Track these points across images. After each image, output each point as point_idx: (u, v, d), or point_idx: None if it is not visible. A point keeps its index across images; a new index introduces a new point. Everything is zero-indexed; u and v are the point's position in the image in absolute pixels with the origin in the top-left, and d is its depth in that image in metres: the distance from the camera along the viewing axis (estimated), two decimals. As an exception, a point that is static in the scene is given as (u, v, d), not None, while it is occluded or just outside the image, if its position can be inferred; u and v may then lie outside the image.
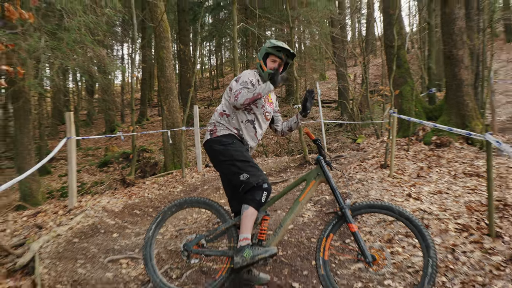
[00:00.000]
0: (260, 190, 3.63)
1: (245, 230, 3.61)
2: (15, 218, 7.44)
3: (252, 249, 3.56)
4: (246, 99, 3.62)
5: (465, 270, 3.69)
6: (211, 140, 3.87)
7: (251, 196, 3.63)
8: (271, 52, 3.93)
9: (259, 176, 3.67)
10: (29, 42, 9.29)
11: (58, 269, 4.33)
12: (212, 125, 3.95)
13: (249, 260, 3.52)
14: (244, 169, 3.67)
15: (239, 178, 3.67)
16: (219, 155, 3.80)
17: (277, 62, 3.96)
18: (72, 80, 30.50)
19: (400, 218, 3.33)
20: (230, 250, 3.73)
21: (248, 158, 3.75)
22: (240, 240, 3.61)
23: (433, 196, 5.84)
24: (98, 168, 18.13)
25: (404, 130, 10.08)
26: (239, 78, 3.86)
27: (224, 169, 3.82)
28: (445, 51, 9.28)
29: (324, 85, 28.55)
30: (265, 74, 3.96)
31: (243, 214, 3.63)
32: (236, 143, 3.80)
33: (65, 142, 7.33)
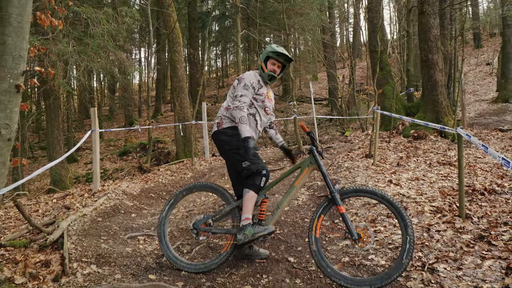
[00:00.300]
0: (259, 176, 3.64)
1: (246, 211, 3.62)
2: (46, 200, 7.43)
3: (253, 227, 3.57)
4: (234, 117, 3.69)
5: (439, 247, 3.68)
6: (218, 131, 3.88)
7: (251, 181, 3.64)
8: (271, 56, 3.89)
9: (258, 163, 3.67)
10: (58, 47, 9.24)
11: (84, 245, 4.32)
12: (219, 118, 3.94)
13: (250, 237, 3.53)
14: (246, 158, 3.66)
15: (242, 165, 3.67)
16: (224, 145, 3.81)
17: (276, 65, 3.92)
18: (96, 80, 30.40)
19: (383, 201, 3.32)
20: (234, 229, 3.74)
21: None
22: (242, 220, 3.63)
23: (411, 182, 5.83)
24: (118, 157, 18.12)
25: (386, 124, 10.05)
26: (241, 80, 3.84)
27: (229, 157, 3.83)
28: (422, 56, 9.23)
29: (316, 85, 28.48)
30: (266, 75, 3.92)
31: (244, 197, 3.65)
32: (239, 134, 3.78)
33: (90, 134, 7.30)
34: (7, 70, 3.29)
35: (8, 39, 3.29)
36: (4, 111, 3.28)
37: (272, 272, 3.71)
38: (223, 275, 3.72)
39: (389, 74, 10.33)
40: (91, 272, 3.73)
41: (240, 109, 3.67)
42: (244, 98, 3.75)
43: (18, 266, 3.73)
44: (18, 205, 4.42)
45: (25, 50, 3.43)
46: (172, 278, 3.71)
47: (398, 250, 3.79)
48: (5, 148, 3.31)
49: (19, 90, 3.36)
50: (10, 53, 3.30)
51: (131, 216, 5.93)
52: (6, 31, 3.29)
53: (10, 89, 3.30)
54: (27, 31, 3.43)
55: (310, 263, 3.85)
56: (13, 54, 3.31)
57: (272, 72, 3.91)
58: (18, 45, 3.34)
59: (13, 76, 3.31)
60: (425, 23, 9.09)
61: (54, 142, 10.03)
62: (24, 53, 3.41)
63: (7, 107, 3.29)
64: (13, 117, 3.35)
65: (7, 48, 3.29)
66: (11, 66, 3.30)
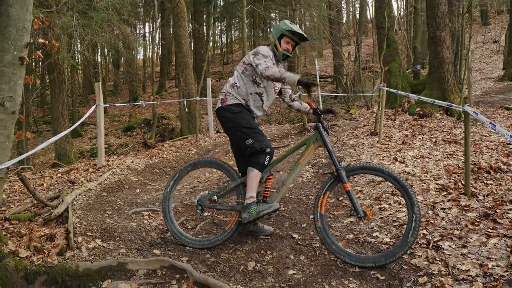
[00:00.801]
0: (263, 154, 3.57)
1: (250, 190, 3.58)
2: (50, 175, 7.44)
3: (258, 205, 3.54)
4: (273, 75, 3.42)
5: (443, 224, 3.65)
6: (222, 108, 3.78)
7: (255, 160, 3.58)
8: (286, 34, 3.69)
9: (262, 141, 3.60)
10: (62, 20, 9.11)
11: (89, 219, 4.32)
12: (223, 95, 3.84)
13: (255, 216, 3.51)
14: (250, 135, 3.60)
15: (245, 142, 3.61)
16: (228, 122, 3.73)
17: (290, 44, 3.75)
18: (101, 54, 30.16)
19: (389, 179, 3.27)
20: (238, 205, 3.71)
21: (254, 125, 3.67)
22: (246, 198, 3.59)
23: (416, 160, 5.77)
24: (123, 132, 18.12)
25: (391, 102, 9.93)
26: (258, 52, 3.64)
27: (232, 134, 3.75)
28: (429, 33, 9.04)
29: (321, 62, 28.17)
30: (280, 54, 3.74)
31: (248, 176, 3.59)
32: (243, 112, 3.71)
33: (94, 109, 7.25)
34: (11, 42, 3.22)
35: (11, 10, 3.22)
36: (8, 84, 3.23)
37: (277, 249, 3.71)
38: (227, 250, 3.72)
39: (396, 51, 10.15)
40: (96, 246, 3.73)
41: (271, 67, 3.46)
42: (269, 61, 3.56)
43: (22, 240, 3.73)
44: (23, 178, 4.40)
45: (29, 22, 3.35)
46: (177, 253, 3.71)
47: (402, 227, 3.77)
48: (9, 121, 3.28)
49: (23, 62, 3.30)
50: (13, 24, 3.23)
51: (136, 191, 5.92)
52: (10, 2, 3.21)
53: (14, 61, 3.24)
54: (30, 2, 3.35)
55: (315, 240, 3.84)
56: (17, 25, 3.24)
57: (286, 51, 3.75)
58: (22, 17, 3.27)
59: (17, 48, 3.25)
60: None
61: (59, 117, 10.00)
62: (28, 25, 3.34)
63: (11, 80, 3.24)
64: (17, 90, 3.30)
65: (10, 20, 3.22)
66: (15, 38, 3.24)
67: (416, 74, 12.20)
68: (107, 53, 29.58)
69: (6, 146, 3.29)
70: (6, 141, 3.28)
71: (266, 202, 3.61)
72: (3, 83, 3.19)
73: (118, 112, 22.96)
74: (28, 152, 4.18)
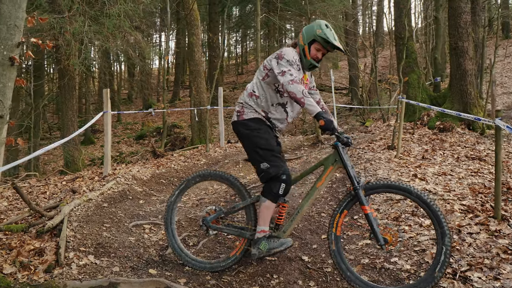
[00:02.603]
0: (278, 182, 3.13)
1: (262, 223, 3.21)
2: (55, 182, 7.21)
3: (268, 242, 3.16)
4: (294, 93, 2.96)
5: (471, 252, 3.27)
6: (238, 122, 3.33)
7: (268, 188, 3.17)
8: (319, 41, 3.18)
9: (279, 167, 3.14)
10: (74, 26, 8.98)
11: (84, 232, 4.03)
12: (240, 106, 3.37)
13: (265, 253, 3.16)
14: (266, 158, 3.16)
15: (260, 166, 3.17)
16: (244, 139, 3.31)
17: (320, 52, 3.24)
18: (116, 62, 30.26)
19: (418, 201, 2.85)
20: (247, 232, 3.34)
21: (272, 147, 3.22)
22: (257, 231, 3.22)
23: (437, 177, 5.38)
24: (135, 140, 18.00)
25: (409, 115, 9.53)
26: (281, 56, 3.15)
27: (248, 153, 3.33)
28: (451, 43, 8.67)
29: (337, 73, 27.80)
30: (307, 62, 3.25)
31: (261, 206, 3.20)
32: (262, 129, 3.26)
33: (101, 116, 7.03)
34: (1, 41, 2.99)
35: (2, 7, 2.98)
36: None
37: (284, 272, 3.36)
38: (229, 273, 3.40)
39: (415, 62, 9.77)
40: (88, 263, 3.43)
41: (296, 82, 2.99)
42: (294, 72, 3.07)
43: (11, 254, 3.46)
44: (17, 187, 4.15)
45: (21, 20, 3.11)
46: (175, 273, 3.40)
47: (425, 253, 3.39)
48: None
49: (14, 63, 3.05)
50: (4, 22, 2.99)
51: (139, 202, 5.64)
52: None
53: (3, 61, 3.00)
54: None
55: (326, 263, 3.49)
56: (8, 23, 3.00)
57: (315, 60, 3.26)
58: (14, 14, 3.03)
59: (7, 47, 3.01)
60: (455, 8, 8.51)
61: (68, 123, 9.82)
62: (20, 23, 3.10)
63: (0, 81, 2.99)
64: (6, 93, 3.05)
65: (1, 17, 2.99)
66: (5, 37, 3.00)
67: (436, 87, 11.77)
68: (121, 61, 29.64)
69: (-7, 152, 3.03)
70: (-7, 147, 3.03)
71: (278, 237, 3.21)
72: (-10, 85, 2.94)
73: (131, 120, 22.88)
74: (19, 160, 3.93)
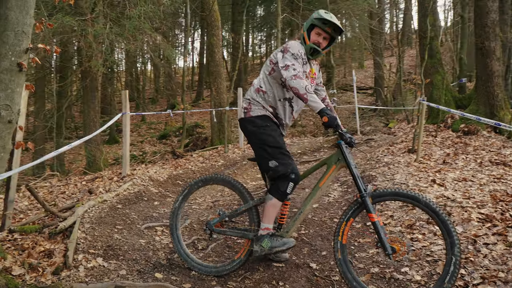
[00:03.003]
0: (286, 181, 3.08)
1: (266, 220, 3.17)
2: (76, 182, 7.34)
3: (271, 240, 3.12)
4: (297, 88, 2.93)
5: (486, 264, 3.13)
6: (245, 119, 3.28)
7: (276, 186, 3.12)
8: (316, 24, 3.14)
9: (288, 165, 3.09)
10: (95, 28, 9.13)
11: (95, 234, 4.07)
12: (247, 102, 3.31)
13: (267, 251, 3.12)
14: (274, 156, 3.11)
15: (268, 164, 3.12)
16: (251, 136, 3.25)
17: (321, 36, 3.18)
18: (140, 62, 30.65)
19: (426, 210, 2.77)
20: (250, 233, 3.31)
21: (280, 144, 3.17)
22: (261, 228, 3.19)
23: (457, 183, 5.21)
24: (158, 140, 18.19)
25: (433, 117, 9.30)
26: (286, 49, 3.11)
27: (255, 151, 3.27)
28: (477, 43, 8.39)
29: (362, 73, 27.46)
30: (307, 48, 3.20)
31: (266, 204, 3.16)
32: (270, 126, 3.21)
33: (120, 117, 7.13)
34: (9, 47, 3.03)
35: (10, 14, 3.02)
36: (5, 91, 3.03)
37: (290, 279, 3.31)
38: (235, 278, 3.37)
39: (439, 62, 9.51)
40: (96, 265, 3.46)
41: (299, 77, 2.95)
42: (298, 67, 3.03)
43: (22, 255, 3.52)
44: (31, 189, 4.24)
45: (29, 26, 3.15)
46: (180, 278, 3.40)
47: (437, 264, 3.28)
48: (5, 131, 3.07)
49: (22, 68, 3.10)
50: (12, 28, 3.04)
51: (154, 204, 5.67)
52: (8, 5, 3.02)
53: (11, 67, 3.04)
54: (31, 5, 3.15)
55: (334, 272, 3.41)
56: (16, 29, 3.05)
57: (315, 44, 3.19)
58: (21, 20, 3.07)
59: (15, 53, 3.05)
60: (482, 7, 8.23)
61: (90, 124, 10.00)
62: (28, 29, 3.14)
63: (8, 87, 3.04)
64: (15, 98, 3.10)
65: (9, 23, 3.03)
66: (13, 43, 3.04)
67: (462, 88, 11.43)
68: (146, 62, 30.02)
69: (1, 157, 3.09)
70: (1, 152, 3.08)
71: (280, 236, 3.17)
72: (0, 91, 2.99)
73: (155, 120, 23.13)
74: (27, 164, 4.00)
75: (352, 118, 14.58)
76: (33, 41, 8.09)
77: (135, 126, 22.11)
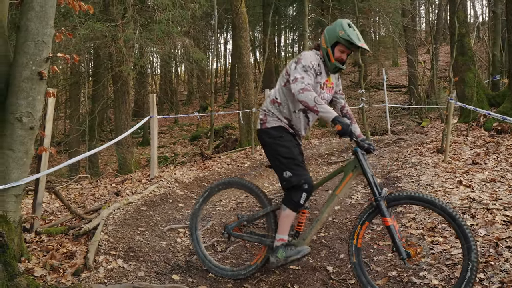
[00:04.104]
0: (299, 191, 3.08)
1: (281, 231, 3.19)
2: (106, 184, 7.55)
3: (286, 250, 3.14)
4: (306, 102, 2.91)
5: (507, 268, 3.02)
6: (261, 130, 3.30)
7: (289, 197, 3.14)
8: (342, 42, 3.06)
9: (301, 175, 3.09)
10: (125, 33, 9.37)
11: (117, 236, 4.19)
12: (263, 114, 3.33)
13: (283, 261, 3.14)
14: (288, 167, 3.12)
15: (282, 174, 3.15)
16: (267, 147, 3.29)
17: (345, 53, 3.13)
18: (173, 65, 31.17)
19: (442, 214, 2.70)
20: (267, 239, 3.33)
21: (295, 155, 3.17)
22: (276, 239, 3.20)
23: (485, 184, 5.04)
24: (189, 141, 18.45)
25: (465, 116, 9.00)
26: (300, 60, 3.08)
27: (271, 161, 3.30)
28: (510, 39, 8.06)
29: (396, 71, 26.96)
30: (331, 66, 3.15)
31: (281, 215, 3.18)
32: (284, 137, 3.22)
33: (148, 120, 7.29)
34: (29, 56, 3.17)
35: (30, 25, 3.16)
36: (26, 99, 3.17)
37: (306, 282, 3.31)
38: (251, 281, 3.39)
39: (471, 59, 9.19)
40: (115, 267, 3.56)
41: (307, 90, 2.92)
42: (307, 79, 3.00)
43: (46, 256, 3.67)
44: (56, 192, 4.41)
45: (49, 36, 3.28)
46: (197, 280, 3.45)
47: (456, 268, 3.19)
48: (27, 137, 3.21)
49: (42, 77, 3.23)
50: (32, 39, 3.17)
51: (178, 206, 5.77)
52: (29, 16, 3.16)
53: (32, 76, 3.18)
54: (51, 16, 3.28)
55: (350, 275, 3.38)
56: (36, 40, 3.18)
57: (339, 62, 3.14)
58: (41, 31, 3.20)
59: (36, 62, 3.19)
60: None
61: (121, 127, 10.27)
62: (48, 39, 3.27)
63: (29, 95, 3.18)
64: (36, 105, 3.23)
65: (29, 34, 3.17)
66: (34, 53, 3.18)
67: (495, 85, 11.01)
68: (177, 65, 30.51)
69: (24, 162, 3.23)
70: (24, 157, 3.22)
71: (296, 245, 3.16)
72: (21, 99, 3.14)
73: (188, 122, 23.49)
74: (45, 171, 4.16)
75: (383, 117, 14.31)
76: (65, 47, 8.37)
77: (168, 128, 22.52)
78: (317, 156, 8.96)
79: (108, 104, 12.99)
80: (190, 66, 12.40)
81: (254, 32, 30.08)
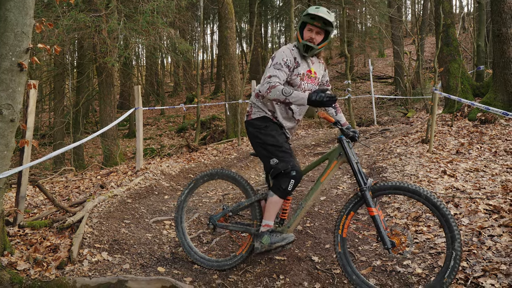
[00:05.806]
0: (287, 178, 3.08)
1: (267, 217, 3.19)
2: (91, 177, 7.48)
3: (271, 236, 3.15)
4: (277, 98, 2.94)
5: (489, 256, 3.07)
6: (247, 122, 3.35)
7: (277, 184, 3.13)
8: (306, 21, 3.10)
9: (288, 162, 3.09)
10: (109, 24, 9.23)
11: (102, 229, 4.15)
12: (249, 106, 3.39)
13: (267, 247, 3.14)
14: (274, 154, 3.13)
15: (269, 162, 3.15)
16: (253, 138, 3.30)
17: (314, 31, 3.11)
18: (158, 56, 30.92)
19: (426, 203, 2.73)
20: (252, 228, 3.33)
21: (280, 143, 3.17)
22: (262, 225, 3.21)
23: (469, 173, 5.10)
24: (176, 133, 18.35)
25: (450, 106, 9.09)
26: (273, 58, 3.13)
27: (257, 151, 3.31)
28: (494, 29, 8.13)
29: (382, 61, 27.07)
30: (301, 45, 3.14)
31: (268, 201, 3.18)
32: (270, 127, 3.23)
33: (133, 112, 7.22)
34: (9, 47, 3.10)
35: (9, 15, 3.09)
36: (6, 91, 3.10)
37: (291, 273, 3.32)
38: (237, 272, 3.39)
39: (456, 50, 9.26)
40: (100, 260, 3.54)
41: (273, 87, 2.94)
42: (274, 78, 3.01)
43: (29, 250, 3.62)
44: (39, 185, 4.35)
45: (29, 26, 3.21)
46: (183, 271, 3.44)
47: (439, 257, 3.23)
48: (7, 130, 3.15)
49: (23, 68, 3.16)
50: (11, 29, 3.10)
51: (164, 198, 5.74)
52: (8, 6, 3.08)
53: (12, 67, 3.11)
54: (31, 6, 3.20)
55: (336, 265, 3.40)
56: (15, 30, 3.11)
57: (309, 42, 3.12)
58: (21, 21, 3.13)
59: (15, 54, 3.12)
60: (500, -8, 7.96)
61: (107, 119, 10.15)
62: (28, 30, 3.20)
63: (9, 87, 3.12)
64: (16, 97, 3.17)
65: (8, 25, 3.09)
66: (13, 44, 3.11)
67: (479, 76, 11.12)
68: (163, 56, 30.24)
69: (5, 155, 3.17)
70: (4, 150, 3.16)
71: (280, 232, 3.19)
72: (1, 91, 3.07)
73: (174, 113, 23.34)
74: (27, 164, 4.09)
75: (370, 108, 14.38)
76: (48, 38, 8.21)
77: (154, 119, 22.36)
78: (303, 147, 8.98)
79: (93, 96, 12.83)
80: (176, 57, 12.26)
81: (241, 23, 29.95)
